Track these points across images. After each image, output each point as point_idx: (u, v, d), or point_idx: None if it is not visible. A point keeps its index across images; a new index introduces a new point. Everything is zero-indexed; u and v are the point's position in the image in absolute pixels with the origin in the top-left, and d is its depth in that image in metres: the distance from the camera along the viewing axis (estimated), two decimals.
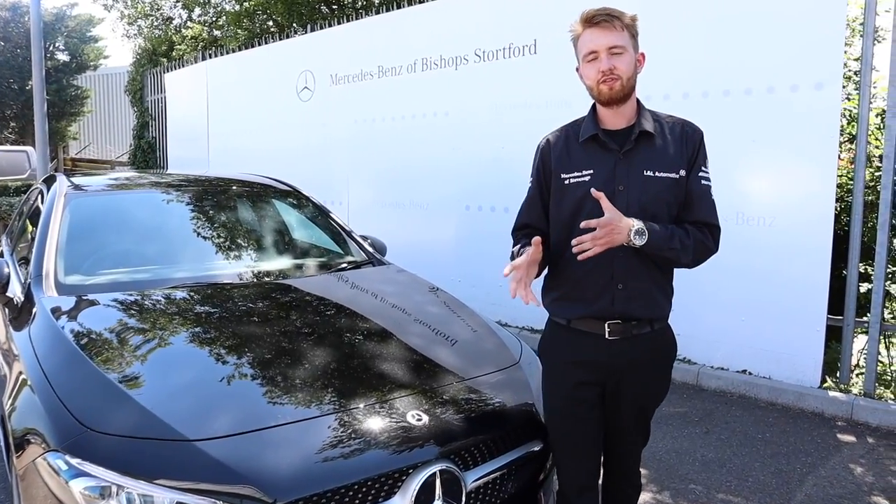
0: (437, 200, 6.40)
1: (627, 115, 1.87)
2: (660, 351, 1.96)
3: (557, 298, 1.97)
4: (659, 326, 1.93)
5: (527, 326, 5.75)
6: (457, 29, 6.06)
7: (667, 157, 1.85)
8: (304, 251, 3.44)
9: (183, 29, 14.00)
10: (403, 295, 2.81)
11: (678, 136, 1.87)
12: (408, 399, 1.93)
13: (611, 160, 1.87)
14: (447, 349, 2.28)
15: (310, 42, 7.73)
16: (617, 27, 1.80)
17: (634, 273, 1.85)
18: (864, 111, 4.04)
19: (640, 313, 1.87)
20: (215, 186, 3.59)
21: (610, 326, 1.84)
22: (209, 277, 2.76)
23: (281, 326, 2.29)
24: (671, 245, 1.79)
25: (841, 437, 3.73)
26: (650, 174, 1.84)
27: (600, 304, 1.86)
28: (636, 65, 1.85)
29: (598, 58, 1.80)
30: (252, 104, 8.60)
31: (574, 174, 1.88)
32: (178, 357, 2.06)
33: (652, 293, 1.89)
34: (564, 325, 1.93)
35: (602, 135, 1.88)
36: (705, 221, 1.87)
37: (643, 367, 1.92)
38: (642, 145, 1.86)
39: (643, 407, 2.01)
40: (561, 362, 1.96)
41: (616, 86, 1.79)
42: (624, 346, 1.86)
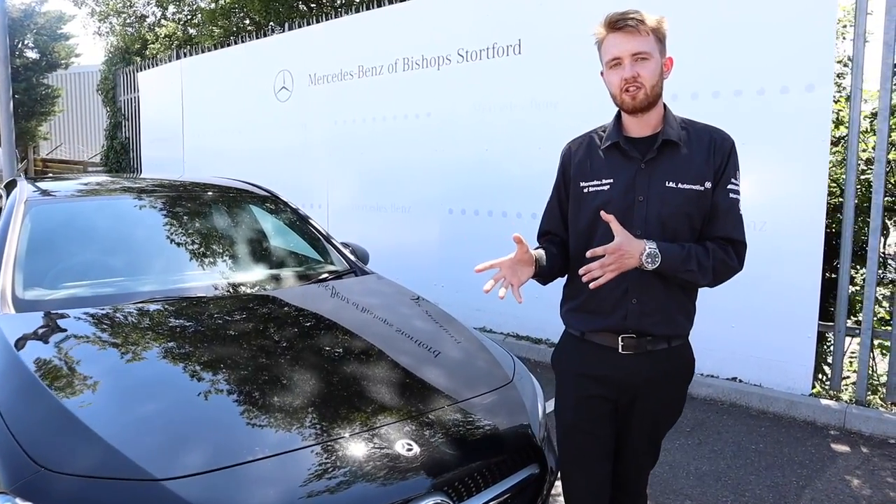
0: (420, 203, 6.26)
1: (652, 122, 1.79)
2: (676, 370, 1.87)
3: (573, 309, 1.91)
4: (676, 344, 1.84)
5: (511, 333, 5.63)
6: (439, 28, 5.92)
7: (692, 167, 1.75)
8: (282, 261, 3.28)
9: (157, 27, 13.68)
10: (389, 308, 2.66)
11: (706, 146, 1.78)
12: (397, 426, 1.79)
13: (632, 169, 1.78)
14: (437, 368, 2.14)
15: (288, 41, 7.54)
16: (642, 32, 1.70)
17: (649, 288, 1.77)
18: (854, 113, 3.98)
19: (654, 330, 1.79)
20: (189, 192, 3.41)
21: (623, 340, 1.78)
22: (182, 290, 2.59)
23: (259, 346, 2.13)
24: (687, 267, 1.71)
25: (835, 448, 3.66)
26: (672, 185, 1.74)
27: (614, 318, 1.79)
28: (662, 70, 1.76)
29: (621, 64, 1.71)
30: (228, 104, 8.38)
31: (593, 182, 1.81)
32: (147, 383, 1.89)
33: (668, 310, 1.80)
34: (578, 336, 1.87)
35: (624, 142, 1.79)
36: (729, 237, 1.77)
37: (657, 386, 1.84)
38: (666, 155, 1.77)
39: (655, 427, 1.93)
40: (574, 374, 1.89)
41: (639, 95, 1.71)
42: (638, 362, 1.79)
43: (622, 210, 1.76)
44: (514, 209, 5.53)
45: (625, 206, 1.76)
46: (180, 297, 2.50)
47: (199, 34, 12.35)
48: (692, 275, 1.73)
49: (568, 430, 1.93)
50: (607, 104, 1.84)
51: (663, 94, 1.79)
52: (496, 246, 5.74)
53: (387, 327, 2.39)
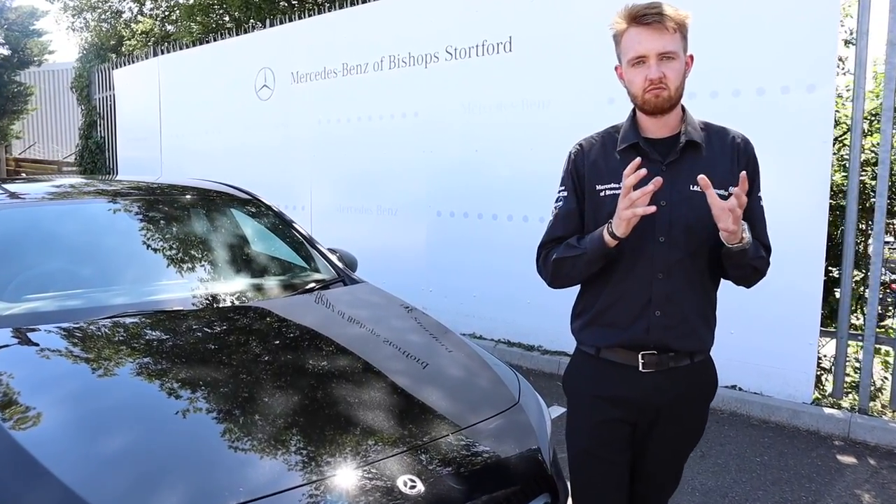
0: (406, 206, 6.07)
1: (672, 123, 1.66)
2: (699, 388, 1.74)
3: (586, 324, 1.76)
4: (699, 360, 1.71)
5: (503, 339, 5.46)
6: (426, 25, 5.74)
7: (716, 171, 1.61)
8: (266, 269, 3.07)
9: (133, 23, 13.32)
10: (382, 321, 2.47)
11: (728, 148, 1.66)
12: (398, 459, 1.60)
13: (652, 172, 1.61)
14: (438, 390, 1.96)
15: (269, 38, 7.32)
16: (669, 28, 1.56)
17: (676, 298, 1.63)
18: (857, 114, 3.87)
19: (677, 344, 1.65)
20: (165, 195, 3.20)
21: (644, 357, 1.64)
22: (157, 303, 2.38)
23: (241, 367, 1.94)
24: (759, 253, 1.62)
25: (841, 459, 3.54)
26: (697, 190, 1.59)
27: (634, 331, 1.65)
28: (686, 69, 1.62)
29: (645, 63, 1.57)
30: (208, 103, 8.12)
31: (611, 185, 1.66)
32: (116, 413, 1.68)
33: (693, 322, 1.66)
34: (593, 354, 1.73)
35: (643, 144, 1.65)
36: (764, 244, 1.68)
37: (680, 406, 1.70)
38: (688, 157, 1.64)
39: (677, 450, 1.80)
40: (588, 397, 1.74)
41: (664, 95, 1.58)
42: (659, 381, 1.66)
43: (643, 216, 1.59)
44: (504, 212, 5.37)
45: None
46: (155, 311, 2.29)
47: (176, 31, 12.04)
48: (761, 261, 1.63)
49: (582, 457, 1.78)
50: (601, 104, 1.71)
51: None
52: (486, 249, 5.63)
53: (381, 344, 2.20)
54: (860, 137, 3.88)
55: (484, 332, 5.61)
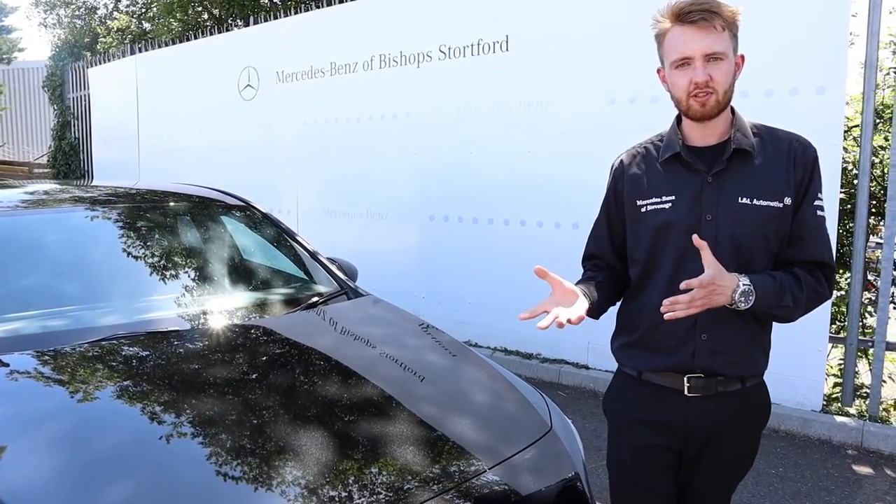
0: (398, 209, 5.90)
1: (720, 129, 1.51)
2: (750, 414, 1.61)
3: (628, 345, 1.64)
4: (751, 384, 1.57)
5: (500, 347, 5.32)
6: (419, 23, 5.57)
7: (769, 180, 1.48)
8: (264, 282, 2.88)
9: (108, 20, 12.94)
10: (396, 340, 2.30)
11: (784, 155, 1.50)
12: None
13: (696, 184, 1.51)
14: (467, 419, 1.79)
15: (253, 36, 7.09)
16: (717, 27, 1.42)
17: (722, 321, 1.50)
18: (868, 116, 3.79)
19: (726, 370, 1.53)
20: (153, 202, 2.99)
21: (690, 381, 1.53)
22: (150, 323, 2.19)
23: (248, 399, 1.76)
24: (782, 303, 1.45)
25: (857, 470, 3.45)
26: (746, 202, 1.47)
27: (679, 356, 1.54)
28: (735, 70, 1.47)
29: (690, 65, 1.43)
30: (188, 103, 7.86)
31: (652, 200, 1.55)
32: (108, 461, 1.49)
33: (743, 346, 1.54)
34: (635, 376, 1.63)
35: (686, 153, 1.52)
36: (819, 261, 1.52)
37: (729, 434, 1.57)
38: (737, 166, 1.49)
39: (725, 481, 1.66)
40: (630, 421, 1.63)
41: (710, 101, 1.44)
42: (707, 406, 1.54)
43: (687, 232, 1.48)
44: (500, 216, 5.22)
45: (689, 226, 1.49)
46: (148, 333, 2.10)
47: (154, 28, 11.71)
48: (786, 311, 1.48)
49: (624, 486, 1.66)
50: (603, 105, 1.57)
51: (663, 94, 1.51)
52: (481, 255, 5.48)
53: (399, 368, 2.03)
54: (870, 140, 3.79)
55: (479, 339, 5.45)
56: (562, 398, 4.51)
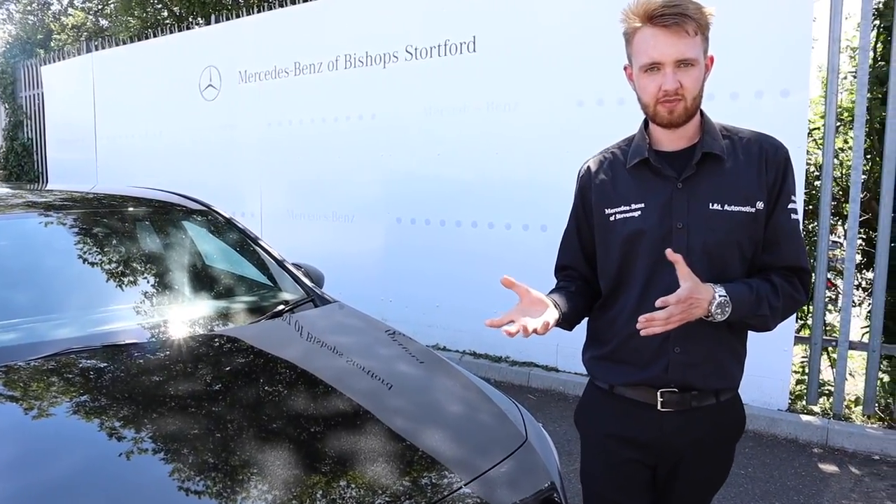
0: (364, 212, 5.81)
1: (689, 133, 1.47)
2: (725, 428, 1.56)
3: (599, 357, 1.58)
4: (726, 398, 1.53)
5: (468, 350, 5.27)
6: (385, 23, 5.50)
7: (740, 185, 1.43)
8: (228, 290, 2.78)
9: (63, 16, 12.53)
10: (365, 349, 2.23)
11: (755, 157, 1.45)
12: None
13: (666, 190, 1.46)
14: (442, 432, 1.73)
15: (214, 34, 6.92)
16: (689, 31, 1.36)
17: (696, 334, 1.44)
18: (830, 119, 3.84)
19: (701, 383, 1.48)
20: (110, 207, 2.86)
21: (663, 396, 1.48)
22: (104, 336, 2.08)
23: (209, 411, 1.67)
24: (759, 312, 1.41)
25: (823, 468, 3.49)
26: (717, 208, 1.42)
27: (652, 371, 1.48)
28: (705, 73, 1.43)
29: (660, 70, 1.38)
30: (148, 103, 7.64)
31: (620, 208, 1.50)
32: (53, 481, 1.39)
33: (718, 358, 1.49)
34: (606, 390, 1.58)
35: (654, 159, 1.46)
36: (795, 266, 1.48)
37: (703, 449, 1.53)
38: (707, 171, 1.45)
39: (701, 495, 1.62)
40: (602, 436, 1.58)
41: (678, 108, 1.39)
42: (681, 422, 1.49)
43: (658, 240, 1.45)
44: (468, 218, 5.18)
45: (660, 235, 1.45)
46: (105, 346, 2.00)
47: (112, 25, 11.37)
48: (762, 320, 1.44)
49: (597, 502, 1.62)
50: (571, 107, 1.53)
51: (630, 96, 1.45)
52: (449, 258, 5.43)
53: (368, 378, 1.96)
54: (833, 143, 3.85)
55: (448, 343, 5.41)
56: (532, 401, 4.49)
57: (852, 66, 4.96)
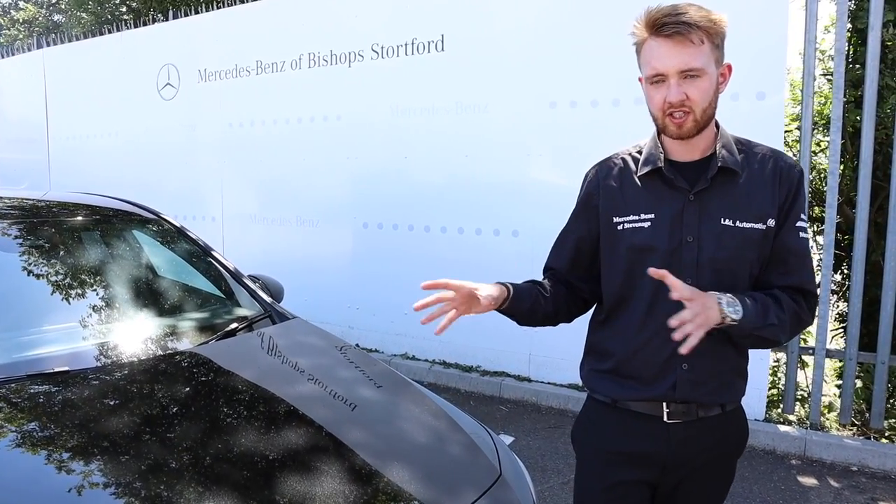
0: (329, 216, 5.61)
1: (703, 144, 1.39)
2: (729, 440, 1.50)
3: (600, 371, 1.51)
4: (731, 408, 1.48)
5: (438, 360, 5.11)
6: (350, 21, 5.30)
7: (753, 201, 1.37)
8: (179, 306, 2.56)
9: (13, 10, 12.00)
10: (326, 372, 2.05)
11: (769, 174, 1.39)
12: None
13: (678, 202, 1.39)
14: (410, 468, 1.56)
15: (172, 31, 6.63)
16: (695, 40, 1.28)
17: (704, 350, 1.34)
18: (806, 122, 3.77)
19: (707, 399, 1.44)
20: (50, 216, 2.63)
21: (669, 407, 1.43)
22: (42, 361, 1.87)
23: (154, 445, 1.48)
24: (768, 321, 1.33)
25: (802, 481, 3.41)
26: (729, 223, 1.37)
27: (658, 388, 1.43)
28: (718, 85, 1.35)
29: (664, 82, 1.31)
30: (103, 101, 7.31)
31: (629, 218, 1.44)
32: None
33: (725, 374, 1.44)
34: (609, 403, 1.50)
35: (667, 169, 1.39)
36: (801, 287, 1.40)
37: (708, 462, 1.46)
38: (720, 185, 1.38)
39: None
40: (603, 453, 1.50)
41: (687, 122, 1.32)
42: (687, 433, 1.43)
43: (667, 253, 1.39)
44: (437, 223, 5.02)
45: (670, 248, 1.39)
46: (38, 376, 1.78)
47: (66, 20, 10.93)
48: (772, 330, 1.34)
49: None
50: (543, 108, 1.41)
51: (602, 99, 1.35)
52: (418, 264, 5.24)
53: (330, 407, 1.78)
54: (809, 146, 3.78)
55: (417, 352, 5.23)
56: (504, 413, 4.34)
57: (822, 69, 4.93)
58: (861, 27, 3.95)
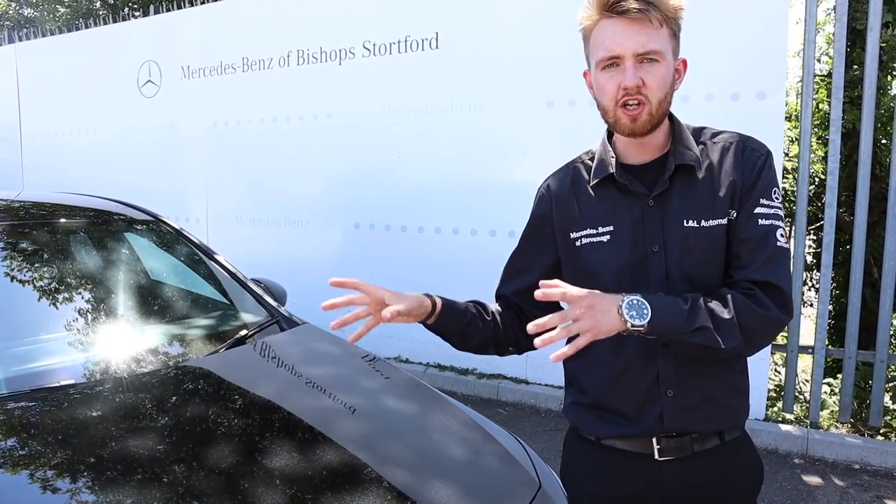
0: (319, 217, 5.50)
1: (657, 142, 1.27)
2: (736, 475, 1.30)
3: (580, 405, 1.35)
4: (731, 437, 1.28)
5: (433, 363, 5.03)
6: (341, 17, 5.19)
7: (715, 195, 1.24)
8: (181, 315, 2.45)
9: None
10: (348, 383, 1.96)
11: (731, 163, 1.25)
12: None
13: (637, 209, 1.26)
14: (450, 485, 1.49)
15: (153, 26, 6.45)
16: (654, 21, 1.16)
17: (691, 371, 1.24)
18: (805, 122, 3.78)
19: (702, 427, 1.26)
20: (37, 218, 2.50)
21: (660, 443, 1.26)
22: (31, 378, 1.76)
23: (170, 472, 1.39)
24: (695, 324, 1.13)
25: (807, 480, 3.41)
26: (693, 224, 1.23)
27: (644, 423, 1.26)
28: (675, 77, 1.23)
29: (619, 65, 1.17)
30: (80, 99, 7.08)
31: (586, 231, 1.30)
32: None
33: (721, 398, 1.27)
34: (593, 441, 1.33)
35: (620, 175, 1.26)
36: (759, 280, 1.20)
37: (710, 500, 1.28)
38: (680, 184, 1.25)
39: None
40: (590, 496, 1.34)
41: (642, 115, 1.18)
42: (682, 469, 1.26)
43: (633, 266, 1.25)
44: (431, 224, 4.94)
45: (635, 260, 1.25)
46: (30, 392, 1.67)
47: (39, 15, 10.60)
48: (707, 335, 1.14)
49: None
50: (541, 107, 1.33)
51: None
52: (411, 265, 5.17)
53: (359, 421, 1.70)
54: (809, 147, 3.79)
55: (411, 355, 5.16)
56: (503, 416, 4.29)
57: (817, 70, 4.96)
58: (860, 28, 3.97)
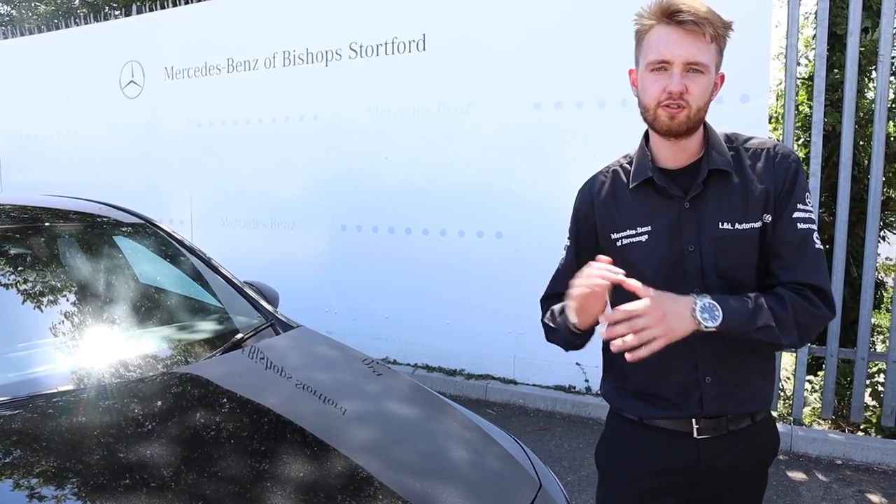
0: (306, 219, 5.49)
1: (692, 148, 1.36)
2: (761, 450, 1.45)
3: (622, 390, 1.46)
4: (761, 417, 1.43)
5: (421, 364, 5.05)
6: (327, 18, 5.19)
7: (749, 199, 1.34)
8: (175, 319, 2.44)
9: None
10: (350, 388, 1.97)
11: (763, 168, 1.35)
12: None
13: (673, 211, 1.37)
14: (455, 485, 1.51)
15: (136, 26, 6.39)
16: (707, 36, 1.26)
17: (726, 359, 1.36)
18: (788, 125, 3.85)
19: (737, 409, 1.39)
20: (22, 222, 2.46)
21: (699, 422, 1.39)
22: (24, 385, 1.74)
23: (173, 483, 1.39)
24: (760, 322, 1.25)
25: (791, 476, 3.48)
26: (728, 227, 1.34)
27: (685, 407, 1.38)
28: (713, 89, 1.32)
29: (667, 70, 1.27)
30: (60, 99, 6.99)
31: (626, 232, 1.41)
32: None
33: (753, 382, 1.40)
34: (636, 421, 1.45)
35: (658, 178, 1.36)
36: (805, 282, 1.30)
37: (741, 474, 1.43)
38: (714, 188, 1.35)
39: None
40: (628, 474, 1.45)
41: (681, 116, 1.28)
42: (718, 447, 1.39)
43: (670, 265, 1.36)
44: (419, 225, 4.96)
45: (672, 259, 1.36)
46: (27, 399, 1.66)
47: (18, 13, 10.44)
48: (770, 332, 1.26)
49: None
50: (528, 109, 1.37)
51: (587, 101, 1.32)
52: (399, 267, 5.17)
53: (364, 427, 1.71)
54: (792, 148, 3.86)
55: (399, 356, 5.16)
56: (491, 417, 4.31)
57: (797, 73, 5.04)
58: (840, 33, 4.05)
